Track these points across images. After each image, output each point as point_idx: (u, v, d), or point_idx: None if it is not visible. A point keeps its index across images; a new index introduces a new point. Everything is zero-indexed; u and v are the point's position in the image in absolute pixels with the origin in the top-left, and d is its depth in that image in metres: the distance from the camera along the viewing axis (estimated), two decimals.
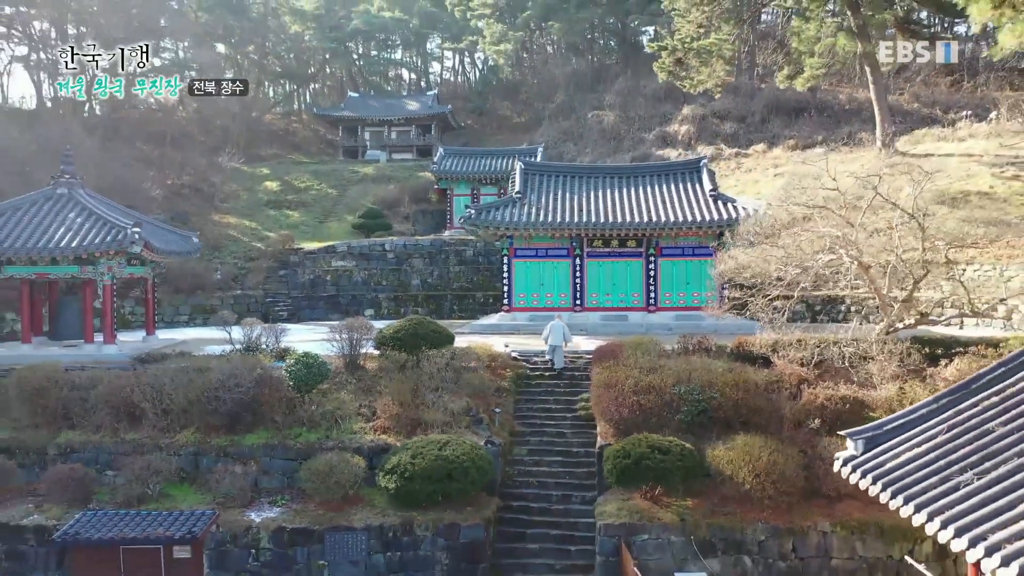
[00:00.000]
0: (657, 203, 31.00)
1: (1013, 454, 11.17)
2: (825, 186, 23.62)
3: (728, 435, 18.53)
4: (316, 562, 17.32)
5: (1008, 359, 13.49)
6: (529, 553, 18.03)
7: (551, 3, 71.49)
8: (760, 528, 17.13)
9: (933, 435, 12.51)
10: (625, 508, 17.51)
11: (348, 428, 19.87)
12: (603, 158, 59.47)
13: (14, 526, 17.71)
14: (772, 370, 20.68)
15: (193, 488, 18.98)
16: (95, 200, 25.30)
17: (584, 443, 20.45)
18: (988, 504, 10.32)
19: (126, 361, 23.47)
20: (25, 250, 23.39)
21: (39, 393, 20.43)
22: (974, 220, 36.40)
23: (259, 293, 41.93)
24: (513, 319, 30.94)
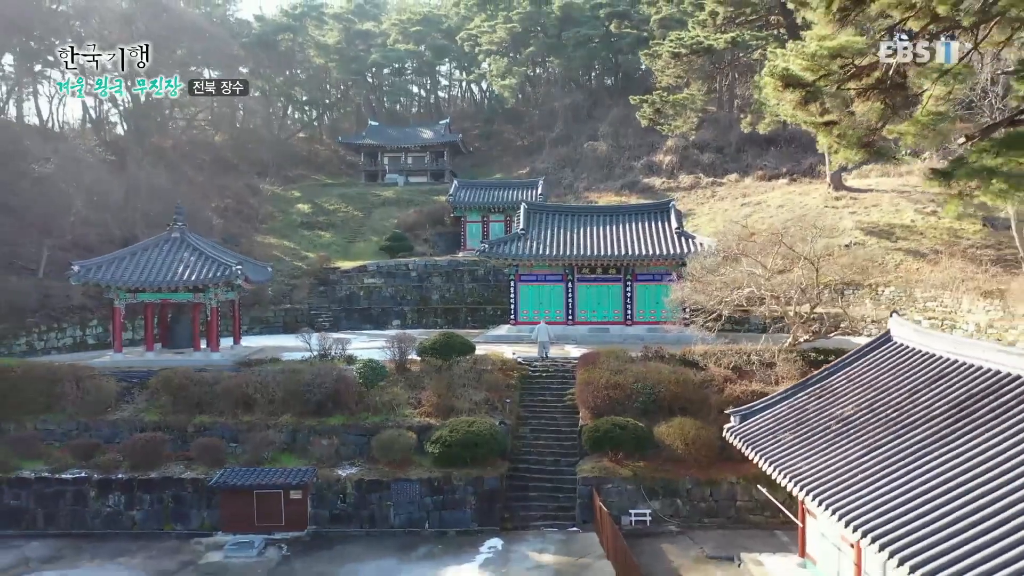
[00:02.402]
0: (633, 238, 38.93)
1: (816, 421, 19.04)
2: (746, 230, 31.34)
3: (670, 417, 26.44)
4: (385, 503, 25.32)
5: (830, 366, 21.43)
6: (530, 498, 26.04)
7: (551, 42, 79.62)
8: (688, 480, 25.10)
9: (777, 411, 20.46)
10: (596, 467, 25.52)
11: (401, 413, 27.86)
12: (597, 184, 67.52)
13: (176, 479, 25.69)
14: (706, 372, 28.64)
15: (294, 455, 26.94)
16: (202, 242, 33.32)
17: (570, 424, 28.40)
18: (790, 446, 18.22)
19: (229, 364, 31.45)
20: (154, 282, 31.39)
21: (179, 388, 28.45)
22: (897, 249, 44.63)
23: (304, 306, 49.88)
24: (518, 331, 38.79)
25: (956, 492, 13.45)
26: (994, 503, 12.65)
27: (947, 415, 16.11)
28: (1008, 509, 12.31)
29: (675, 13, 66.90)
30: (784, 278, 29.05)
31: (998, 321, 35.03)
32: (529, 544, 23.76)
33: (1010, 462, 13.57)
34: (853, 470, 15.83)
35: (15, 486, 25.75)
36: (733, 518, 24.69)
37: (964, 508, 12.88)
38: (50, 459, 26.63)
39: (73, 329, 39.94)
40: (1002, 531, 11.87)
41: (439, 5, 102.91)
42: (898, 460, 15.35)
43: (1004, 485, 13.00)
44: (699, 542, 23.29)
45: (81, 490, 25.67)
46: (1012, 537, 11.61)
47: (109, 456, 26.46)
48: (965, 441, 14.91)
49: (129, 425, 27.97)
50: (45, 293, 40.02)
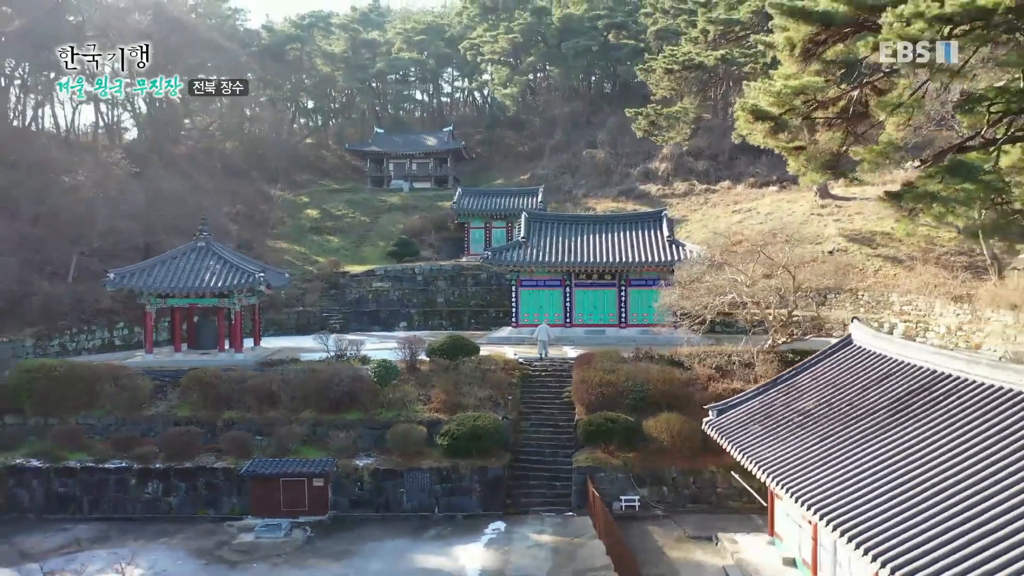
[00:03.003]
0: (627, 246, 41.49)
1: (781, 414, 21.61)
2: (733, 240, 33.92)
3: (658, 413, 28.96)
4: (398, 490, 27.93)
5: (798, 365, 24.02)
6: (530, 486, 28.65)
7: (551, 51, 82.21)
8: (674, 469, 27.68)
9: (749, 406, 23.04)
10: (590, 457, 28.11)
11: (412, 409, 30.46)
12: (595, 190, 70.06)
13: (209, 468, 28.30)
14: (691, 371, 31.23)
15: (315, 447, 29.53)
16: (226, 251, 35.95)
17: (566, 419, 30.98)
18: (758, 436, 20.80)
19: (252, 364, 34.05)
20: (182, 288, 33.99)
21: (208, 386, 31.06)
22: (877, 256, 47.19)
23: (316, 309, 52.45)
24: (519, 333, 41.32)
25: (890, 474, 16.01)
26: (921, 482, 15.19)
27: (889, 408, 18.68)
28: (933, 486, 14.84)
29: (671, 25, 69.55)
30: (764, 285, 31.61)
31: (967, 324, 37.56)
32: (529, 526, 26.36)
33: (935, 446, 16.14)
34: (808, 456, 18.40)
35: (62, 475, 28.36)
36: (714, 503, 27.25)
37: (896, 487, 15.43)
38: (93, 451, 29.22)
39: (102, 331, 42.52)
40: (927, 504, 14.36)
41: (442, 14, 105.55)
42: (845, 447, 17.93)
43: (928, 464, 15.57)
44: (682, 524, 25.88)
45: (123, 478, 28.29)
46: (934, 509, 14.08)
47: (146, 448, 29.05)
48: (901, 430, 17.48)
49: (163, 420, 30.59)
50: (75, 297, 42.55)
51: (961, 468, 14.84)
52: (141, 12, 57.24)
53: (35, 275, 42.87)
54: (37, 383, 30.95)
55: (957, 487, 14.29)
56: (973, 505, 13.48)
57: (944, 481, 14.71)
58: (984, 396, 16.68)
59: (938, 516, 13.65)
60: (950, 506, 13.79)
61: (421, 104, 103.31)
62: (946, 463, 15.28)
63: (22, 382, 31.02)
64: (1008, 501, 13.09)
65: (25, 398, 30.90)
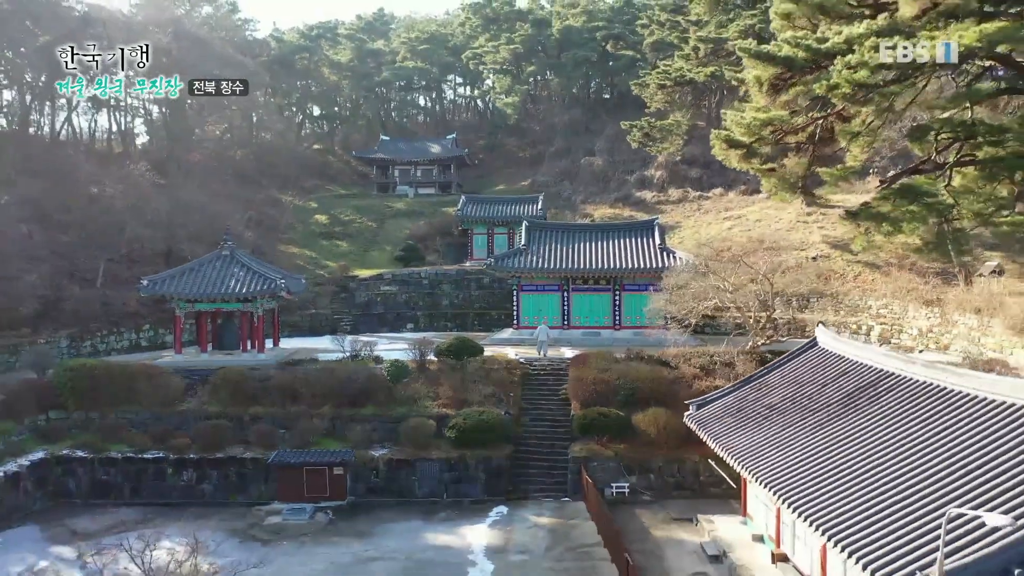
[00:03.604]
0: (621, 253, 44.33)
1: (751, 408, 24.47)
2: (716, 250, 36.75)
3: (646, 408, 31.79)
4: (410, 478, 30.81)
5: (769, 364, 26.88)
6: (530, 475, 31.53)
7: (551, 61, 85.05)
8: (660, 459, 30.52)
9: (724, 401, 25.91)
10: (585, 448, 30.97)
11: (423, 405, 33.33)
12: (593, 197, 72.90)
13: (239, 458, 31.19)
14: (678, 370, 34.08)
15: (334, 439, 32.40)
16: (249, 259, 38.84)
17: (563, 414, 33.84)
18: (729, 427, 23.66)
19: (273, 364, 36.91)
20: (210, 294, 36.88)
21: (236, 384, 33.94)
22: (857, 262, 50.01)
23: (327, 311, 55.30)
24: (520, 334, 44.14)
25: (834, 457, 18.89)
26: (858, 462, 18.06)
27: (841, 402, 21.56)
28: (868, 466, 17.70)
29: (666, 37, 72.42)
30: (744, 291, 34.45)
31: (936, 327, 40.41)
32: (529, 510, 29.25)
33: (873, 433, 19.00)
34: (769, 444, 21.28)
35: (105, 464, 31.27)
36: (696, 490, 30.08)
37: (837, 467, 18.30)
38: (132, 442, 32.11)
39: (129, 333, 45.42)
40: (862, 480, 17.24)
41: (445, 22, 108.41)
42: (801, 436, 20.81)
43: (866, 448, 18.43)
44: (667, 508, 28.74)
45: (160, 467, 31.20)
46: (867, 484, 16.93)
47: (181, 440, 31.94)
48: (849, 421, 20.36)
49: (195, 415, 33.47)
50: (104, 301, 45.48)
51: (892, 451, 17.70)
52: (162, 30, 60.08)
53: (66, 281, 45.85)
54: (79, 381, 33.84)
55: (887, 466, 17.15)
56: (898, 479, 16.34)
57: (877, 461, 17.57)
58: (916, 391, 19.54)
59: (869, 489, 16.51)
60: (880, 481, 16.65)
61: (425, 110, 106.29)
62: (881, 447, 18.15)
63: (65, 380, 33.89)
64: (924, 474, 15.95)
65: (68, 395, 33.78)
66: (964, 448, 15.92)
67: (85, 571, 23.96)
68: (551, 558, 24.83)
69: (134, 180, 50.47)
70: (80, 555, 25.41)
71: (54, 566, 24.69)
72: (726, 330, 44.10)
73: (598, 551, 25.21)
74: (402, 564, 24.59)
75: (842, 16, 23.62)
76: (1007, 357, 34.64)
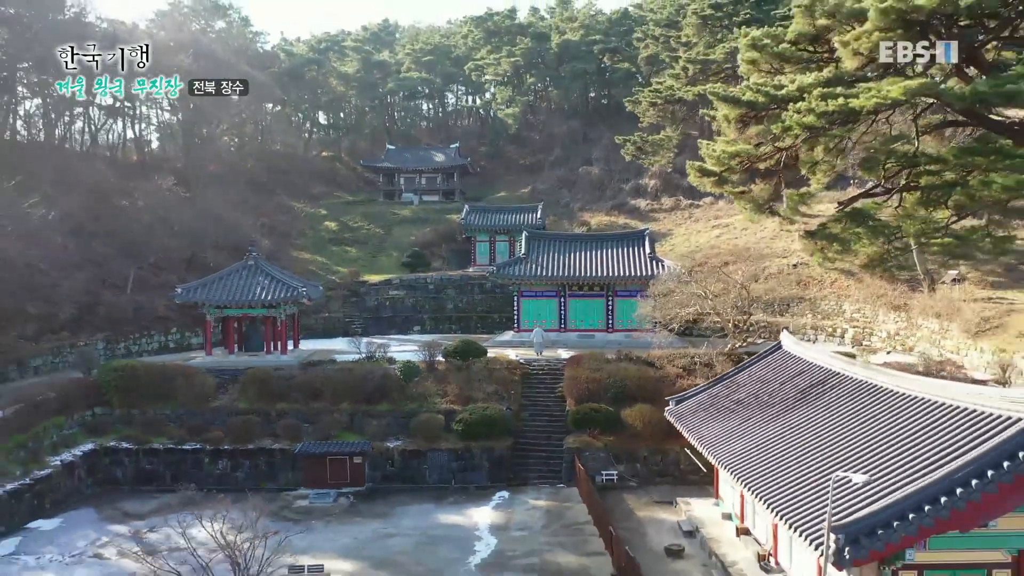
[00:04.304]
0: (614, 262, 47.93)
1: (721, 403, 28.06)
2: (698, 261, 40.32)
3: (634, 404, 35.39)
4: (422, 466, 34.46)
5: (739, 365, 30.48)
6: (529, 463, 35.18)
7: (550, 73, 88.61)
8: (645, 449, 34.13)
9: (699, 397, 29.52)
10: (578, 440, 34.59)
11: (432, 401, 36.95)
12: (590, 204, 76.45)
13: (268, 449, 34.83)
14: (662, 370, 37.68)
15: (353, 432, 36.03)
16: (272, 269, 42.48)
17: (559, 409, 37.45)
18: (702, 420, 27.26)
19: (296, 364, 40.52)
20: (237, 300, 40.52)
21: (263, 382, 37.56)
22: (834, 268, 53.59)
23: (340, 315, 58.91)
24: (520, 337, 47.72)
25: (782, 442, 22.47)
26: (802, 447, 21.64)
27: (795, 397, 25.17)
28: (809, 449, 21.27)
29: (659, 51, 76.02)
30: (723, 299, 38.06)
31: (903, 330, 44.02)
32: (528, 494, 32.88)
33: (816, 421, 22.59)
34: (733, 433, 24.89)
35: (149, 454, 34.93)
36: (677, 477, 33.64)
37: (783, 451, 21.88)
38: (171, 435, 35.75)
39: (158, 335, 49.04)
40: (801, 458, 20.83)
41: (449, 33, 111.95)
42: (758, 426, 24.41)
43: (810, 436, 22.02)
44: (650, 493, 32.36)
45: (198, 457, 34.83)
46: (803, 459, 20.52)
47: (215, 433, 35.56)
48: (798, 412, 23.96)
49: (226, 410, 37.10)
50: (135, 306, 49.08)
51: (829, 435, 21.29)
52: (183, 51, 63.65)
53: (99, 287, 49.45)
54: (122, 380, 37.48)
55: (822, 447, 20.74)
56: (827, 457, 19.91)
57: (816, 444, 21.16)
58: (854, 388, 23.14)
59: (804, 466, 20.09)
60: (814, 459, 20.22)
61: (428, 117, 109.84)
62: (821, 433, 21.74)
63: (110, 379, 37.53)
64: (848, 452, 19.54)
65: (112, 392, 37.42)
66: (882, 431, 19.49)
67: (143, 545, 27.56)
68: (547, 533, 28.46)
69: (161, 194, 54.01)
70: (135, 532, 29.06)
71: (114, 541, 28.36)
72: (709, 333, 47.91)
73: (588, 528, 28.83)
74: (417, 539, 28.21)
75: (800, 62, 27.14)
76: (962, 358, 38.31)
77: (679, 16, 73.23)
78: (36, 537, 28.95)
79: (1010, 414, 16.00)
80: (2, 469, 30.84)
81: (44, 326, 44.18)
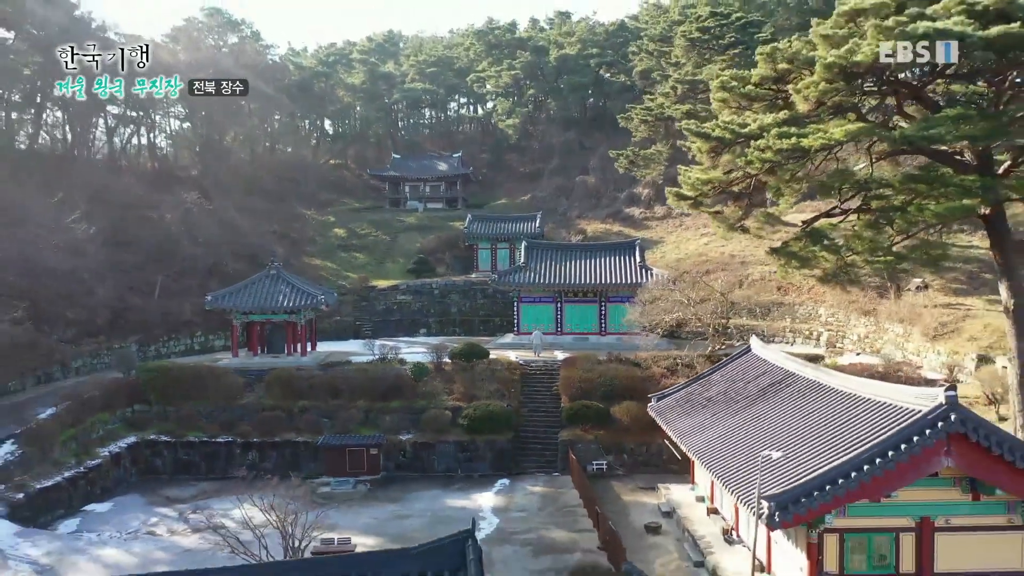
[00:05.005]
0: (606, 270, 51.82)
1: (695, 399, 31.93)
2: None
3: (622, 401, 39.26)
4: (431, 457, 38.38)
5: (713, 366, 34.37)
6: (527, 454, 39.12)
7: (549, 87, 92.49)
8: (631, 441, 38.01)
9: (677, 395, 33.40)
10: (571, 434, 38.50)
11: (440, 399, 40.87)
12: (586, 212, 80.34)
13: (293, 442, 38.74)
14: (648, 370, 41.57)
15: (368, 427, 39.92)
16: (293, 278, 46.44)
17: (555, 406, 41.34)
18: (677, 414, 31.15)
19: (314, 365, 44.43)
20: (262, 307, 44.44)
21: (287, 382, 41.47)
22: (812, 275, 57.40)
23: (351, 318, 62.76)
24: (520, 339, 51.57)
25: (741, 431, 26.33)
26: (756, 435, 25.49)
27: (756, 394, 29.03)
28: (762, 436, 25.14)
29: (653, 65, 79.88)
30: (704, 305, 41.96)
31: (872, 333, 47.95)
32: (526, 482, 36.79)
33: (771, 414, 26.44)
34: (703, 425, 28.75)
35: (185, 447, 38.84)
36: (659, 466, 37.48)
37: (740, 438, 25.73)
38: (204, 430, 39.66)
39: (184, 338, 52.99)
40: (754, 444, 24.67)
41: (451, 44, 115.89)
42: (721, 418, 28.29)
43: (764, 425, 25.89)
44: (635, 480, 36.24)
45: (229, 449, 38.74)
46: (756, 445, 24.33)
47: (244, 428, 39.47)
48: (758, 407, 27.82)
49: (253, 407, 40.99)
50: (162, 311, 53.02)
51: (779, 425, 25.15)
52: (203, 69, 67.58)
53: (129, 294, 53.39)
54: (159, 380, 41.43)
55: (773, 435, 24.60)
56: (775, 442, 23.76)
57: (768, 432, 25.03)
58: (804, 386, 27.00)
59: (756, 451, 23.94)
60: (764, 445, 24.07)
61: (431, 125, 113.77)
62: (773, 423, 25.61)
63: (147, 379, 41.48)
64: (791, 438, 23.39)
65: (150, 391, 41.34)
66: (819, 420, 23.34)
67: (188, 524, 31.52)
68: (543, 515, 32.38)
69: (185, 206, 57.98)
70: (180, 514, 32.99)
71: (163, 521, 32.31)
72: (692, 336, 51.87)
73: (580, 511, 32.72)
74: (428, 519, 32.09)
75: (764, 100, 30.89)
76: (922, 359, 42.25)
77: (671, 32, 77.11)
78: (93, 518, 32.90)
79: (912, 407, 19.86)
80: (59, 459, 34.78)
81: (82, 330, 48.19)
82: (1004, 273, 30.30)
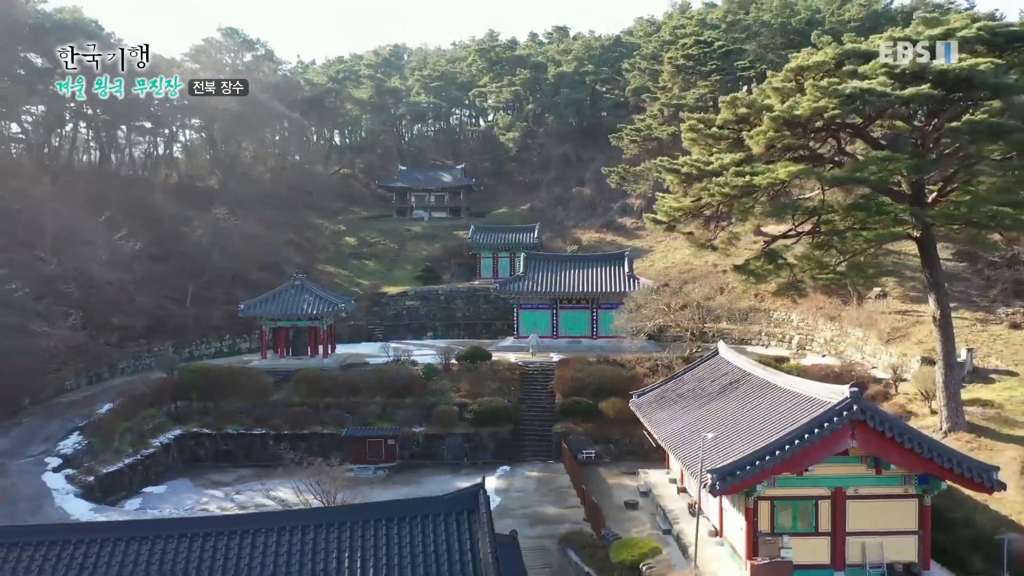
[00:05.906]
0: (598, 279, 57.15)
1: (669, 396, 37.20)
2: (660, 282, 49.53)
3: (608, 397, 44.52)
4: (441, 447, 43.73)
5: (686, 367, 39.67)
6: (525, 444, 44.49)
7: (547, 102, 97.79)
8: (617, 433, 43.30)
9: (654, 392, 38.68)
10: (564, 426, 43.83)
11: (448, 396, 46.18)
12: (582, 222, 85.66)
13: (319, 434, 44.06)
14: (633, 371, 46.87)
15: (385, 421, 45.23)
16: (315, 287, 51.79)
17: (550, 402, 46.64)
18: (654, 409, 36.43)
19: (335, 366, 49.75)
20: (289, 314, 49.77)
21: (313, 381, 46.80)
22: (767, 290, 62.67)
23: (363, 322, 68.03)
24: (519, 343, 56.88)
25: (701, 423, 31.56)
26: (717, 426, 30.70)
27: (719, 391, 34.28)
28: (721, 427, 30.36)
29: (645, 82, 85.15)
30: (683, 312, 47.26)
31: (836, 336, 53.23)
32: (525, 468, 42.14)
33: (728, 408, 31.68)
34: (673, 417, 34.01)
35: (224, 438, 44.18)
36: (641, 455, 42.62)
37: (700, 428, 30.94)
38: (241, 423, 44.96)
39: (214, 342, 58.36)
40: (709, 432, 29.91)
41: (454, 58, 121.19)
42: (687, 411, 33.55)
43: (723, 418, 31.12)
44: (619, 467, 41.54)
45: (264, 440, 44.04)
46: (713, 431, 29.58)
47: (275, 421, 44.77)
48: (718, 402, 33.06)
49: (283, 403, 46.30)
50: (194, 317, 58.38)
51: (733, 417, 30.40)
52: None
53: (164, 302, 58.72)
54: (198, 379, 46.78)
55: (727, 425, 29.84)
56: (728, 430, 29.03)
57: (723, 422, 30.28)
58: (756, 384, 32.24)
59: (718, 441, 29.20)
60: (725, 436, 29.34)
61: (435, 137, 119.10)
62: (728, 415, 30.84)
63: (188, 378, 46.82)
64: (739, 427, 28.64)
65: (191, 389, 46.68)
66: (761, 411, 28.60)
67: (234, 503, 36.84)
68: (538, 494, 37.74)
69: (216, 221, 63.41)
70: (226, 495, 38.33)
71: (213, 500, 37.67)
72: (673, 340, 57.18)
73: (570, 491, 38.07)
74: None
75: (728, 139, 36.10)
76: (877, 361, 47.49)
77: (662, 51, 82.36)
78: (151, 498, 38.22)
79: (825, 399, 25.14)
80: (119, 448, 40.13)
81: (125, 335, 53.51)
82: (932, 288, 35.58)
